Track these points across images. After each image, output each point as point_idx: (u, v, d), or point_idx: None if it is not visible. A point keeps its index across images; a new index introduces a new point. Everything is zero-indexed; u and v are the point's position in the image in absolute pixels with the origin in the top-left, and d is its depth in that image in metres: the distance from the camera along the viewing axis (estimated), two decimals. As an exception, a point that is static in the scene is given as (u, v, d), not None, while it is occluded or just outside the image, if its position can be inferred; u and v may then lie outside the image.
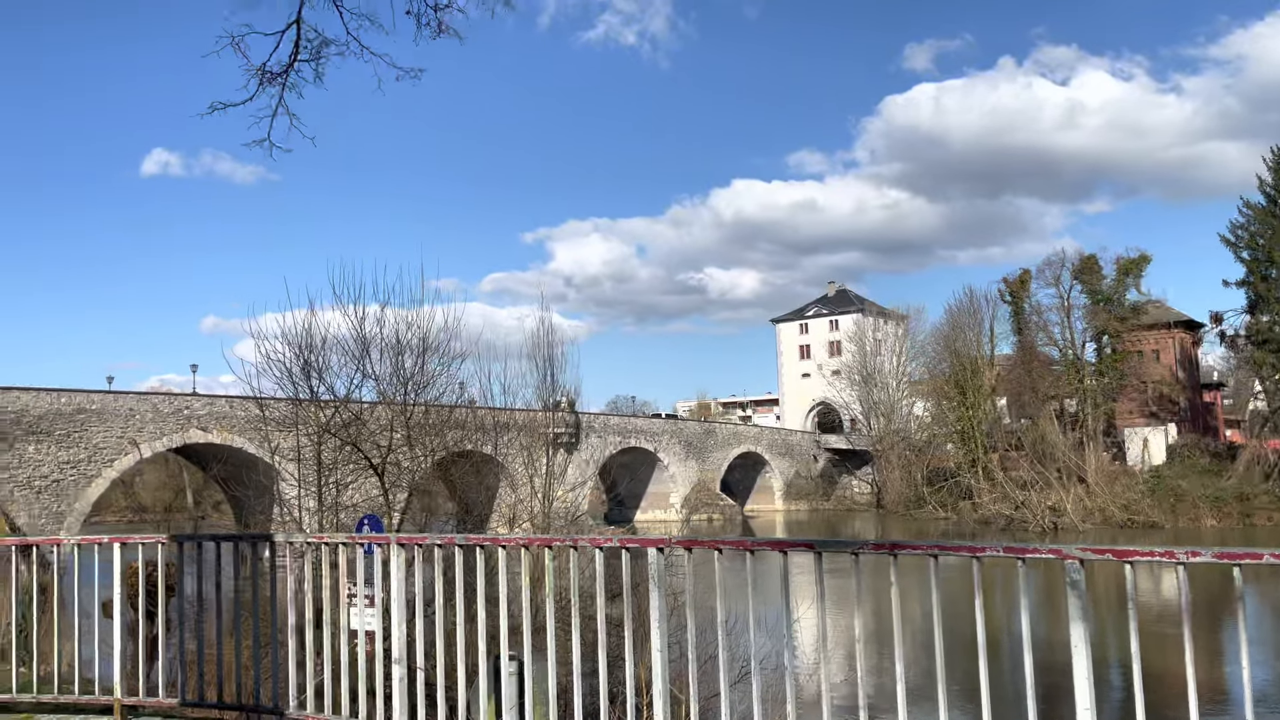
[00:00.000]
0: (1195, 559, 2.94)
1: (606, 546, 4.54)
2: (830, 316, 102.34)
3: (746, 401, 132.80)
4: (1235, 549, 2.88)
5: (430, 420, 19.33)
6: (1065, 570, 3.19)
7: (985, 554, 3.46)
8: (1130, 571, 3.13)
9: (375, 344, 18.21)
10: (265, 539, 5.63)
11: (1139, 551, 3.08)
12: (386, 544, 5.35)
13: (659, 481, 71.84)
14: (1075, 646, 3.15)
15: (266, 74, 6.76)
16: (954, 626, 3.79)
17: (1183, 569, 3.01)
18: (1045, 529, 56.81)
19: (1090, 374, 67.86)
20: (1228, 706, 15.07)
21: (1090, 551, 3.16)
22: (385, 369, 18.39)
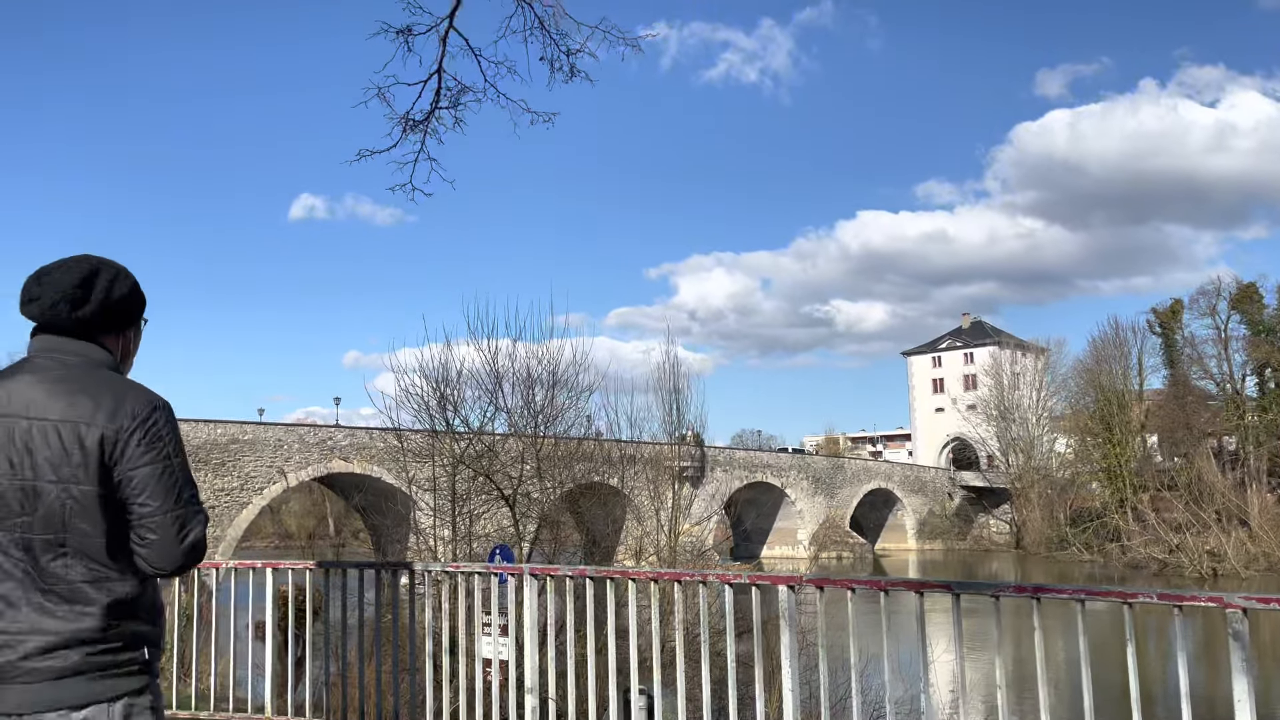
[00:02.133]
0: (1375, 612, 2.73)
1: (736, 583, 4.52)
2: (965, 349, 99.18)
3: (876, 436, 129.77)
4: None
5: (559, 452, 19.67)
6: (1227, 620, 3.00)
7: (1138, 600, 3.29)
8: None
9: (507, 377, 18.71)
10: (404, 567, 5.85)
11: (1309, 602, 2.89)
12: (519, 574, 5.47)
13: (786, 517, 70.78)
14: (1239, 701, 2.96)
15: (409, 121, 7.12)
16: (1103, 676, 3.60)
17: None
18: (1203, 575, 53.16)
19: (1252, 409, 63.52)
20: None
21: (1255, 600, 2.97)
22: (516, 402, 18.86)
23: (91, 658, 2.33)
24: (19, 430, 2.33)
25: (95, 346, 2.49)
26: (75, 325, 2.46)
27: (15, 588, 2.33)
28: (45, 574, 2.33)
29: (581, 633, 5.21)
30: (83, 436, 2.32)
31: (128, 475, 2.35)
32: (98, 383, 2.41)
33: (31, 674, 2.29)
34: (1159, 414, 68.00)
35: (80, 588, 2.34)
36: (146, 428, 2.37)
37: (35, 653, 2.29)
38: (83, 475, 2.32)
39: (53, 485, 2.32)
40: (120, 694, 2.37)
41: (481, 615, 5.81)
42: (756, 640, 4.33)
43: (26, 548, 2.33)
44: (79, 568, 2.34)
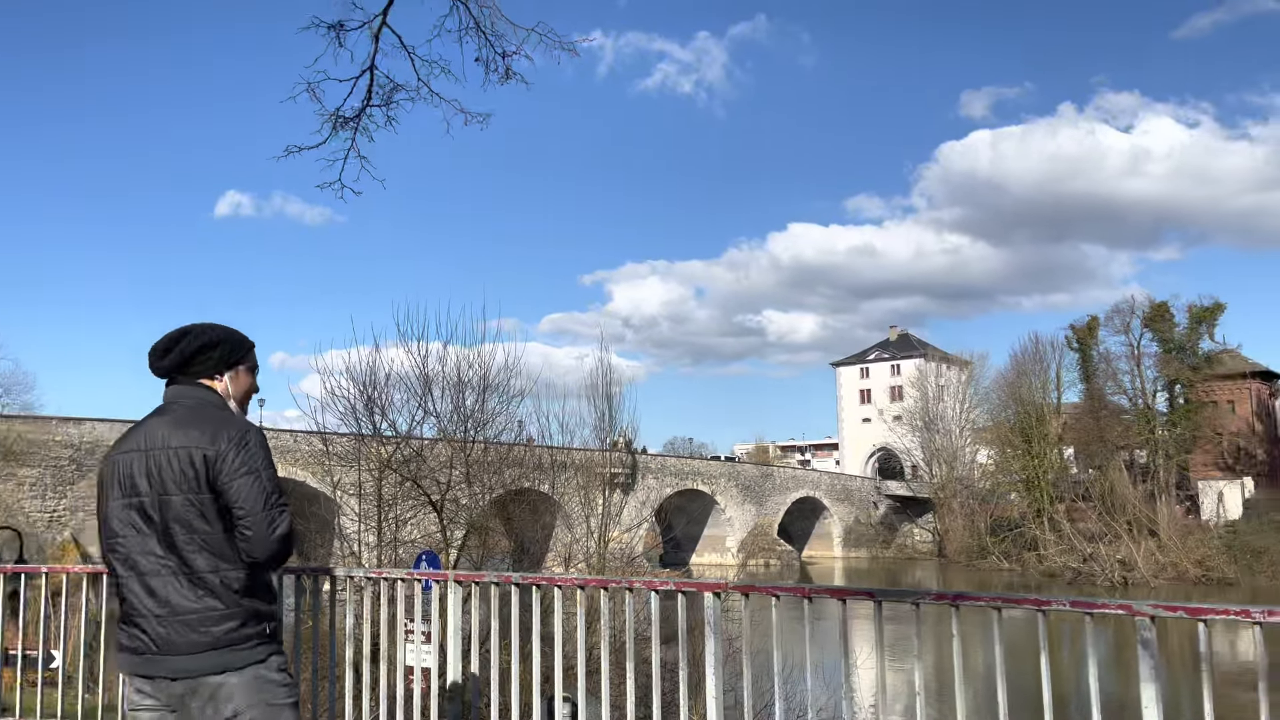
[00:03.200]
0: (1273, 618, 2.84)
1: (662, 589, 4.52)
2: (892, 361, 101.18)
3: (805, 445, 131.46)
4: (1317, 609, 2.77)
5: (489, 458, 19.49)
6: (1136, 627, 3.09)
7: (1051, 608, 3.37)
8: (1204, 630, 3.02)
9: (437, 381, 18.48)
10: (326, 572, 5.71)
11: (1214, 609, 2.98)
12: (444, 581, 5.39)
13: (715, 525, 71.23)
14: (1146, 708, 3.05)
15: (340, 118, 6.99)
16: (1018, 681, 3.68)
17: (1259, 629, 2.91)
18: (1114, 583, 54.97)
19: (1162, 424, 65.97)
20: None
21: (1163, 608, 3.06)
22: (446, 406, 18.63)
23: (222, 634, 3.02)
24: (152, 459, 3.11)
25: (201, 388, 3.29)
26: (180, 375, 3.28)
27: (163, 579, 3.05)
28: (183, 566, 3.04)
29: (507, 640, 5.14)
30: (194, 458, 3.08)
31: (228, 485, 3.06)
32: (204, 416, 3.19)
33: (179, 647, 2.99)
34: (1075, 427, 70.17)
35: (206, 576, 3.04)
36: (239, 448, 3.12)
37: (182, 630, 3.00)
38: (198, 486, 3.07)
39: (178, 496, 3.07)
40: (248, 663, 3.05)
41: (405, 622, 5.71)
42: (681, 647, 4.33)
43: (169, 546, 3.06)
44: (203, 560, 3.05)
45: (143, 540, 3.07)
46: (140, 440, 3.17)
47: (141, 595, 3.05)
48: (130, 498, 3.11)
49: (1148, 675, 3.07)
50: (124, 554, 3.10)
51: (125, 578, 3.09)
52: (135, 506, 3.10)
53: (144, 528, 3.07)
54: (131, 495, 3.11)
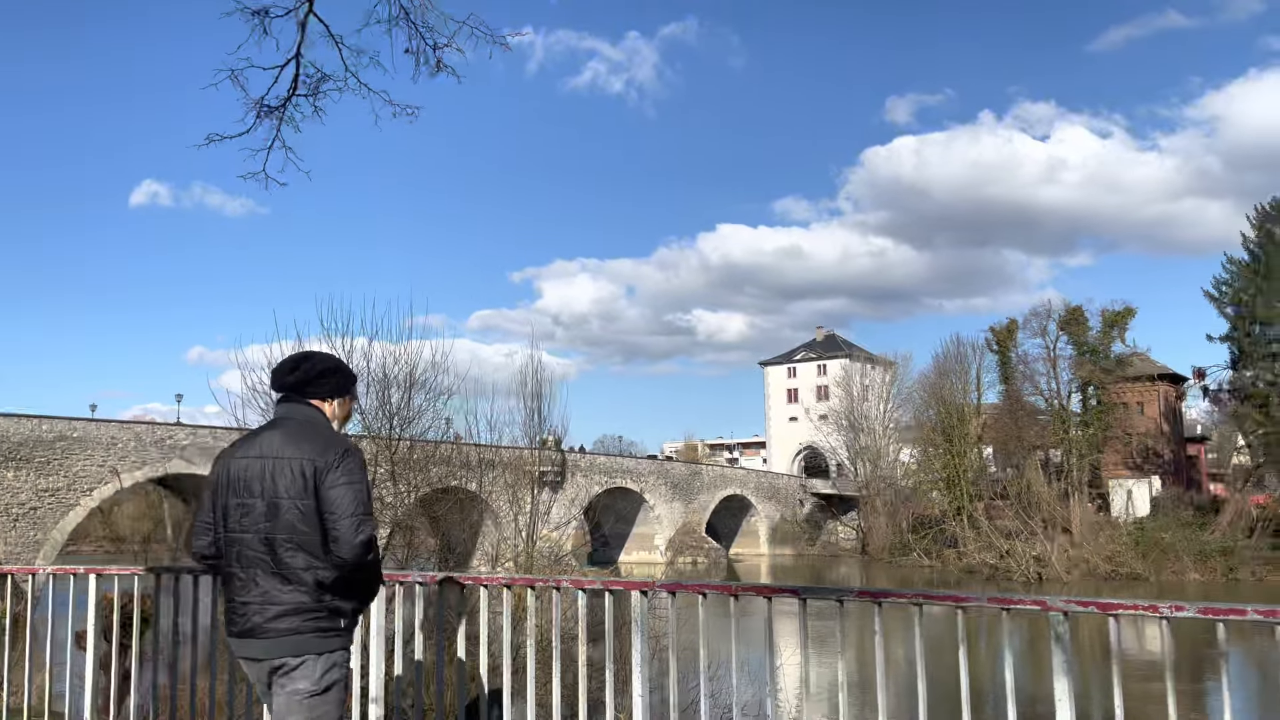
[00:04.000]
0: (1179, 614, 2.94)
1: (590, 589, 4.50)
2: (818, 361, 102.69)
3: (733, 444, 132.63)
4: (1219, 604, 2.88)
5: (415, 456, 19.24)
6: (1050, 623, 3.18)
7: (970, 604, 3.45)
8: (1115, 625, 3.12)
9: (362, 378, 18.15)
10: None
11: (1124, 604, 3.08)
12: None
13: (644, 523, 71.43)
14: (1059, 700, 3.14)
15: (264, 107, 6.81)
16: (938, 676, 3.76)
17: (1166, 623, 3.02)
18: (1029, 579, 56.62)
19: (1076, 425, 68.10)
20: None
21: (1075, 604, 3.15)
22: (371, 403, 18.32)
23: (307, 623, 3.51)
24: (268, 467, 3.58)
25: (311, 408, 3.78)
26: (296, 393, 3.77)
27: (260, 572, 3.52)
28: (279, 562, 3.51)
29: (432, 640, 5.07)
30: (304, 468, 3.54)
31: (327, 492, 3.51)
32: (315, 433, 3.67)
33: (269, 632, 3.50)
34: (994, 427, 72.02)
35: (299, 572, 3.50)
36: (343, 461, 3.57)
37: (272, 617, 3.49)
38: (304, 492, 3.53)
39: (287, 500, 3.53)
40: (324, 650, 3.56)
41: (327, 623, 5.59)
42: (609, 646, 4.32)
43: (269, 545, 3.53)
44: (300, 558, 3.51)
45: (251, 538, 3.54)
46: (258, 448, 3.65)
47: (246, 585, 3.55)
48: (245, 499, 3.58)
49: (1061, 669, 3.16)
50: (236, 549, 3.58)
51: (234, 570, 3.58)
52: (249, 508, 3.57)
53: (254, 527, 3.55)
54: (246, 496, 3.58)
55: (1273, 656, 2.89)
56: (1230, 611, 2.84)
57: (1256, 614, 2.77)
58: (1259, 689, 20.89)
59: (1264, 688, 20.41)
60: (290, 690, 3.51)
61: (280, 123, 6.85)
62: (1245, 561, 55.44)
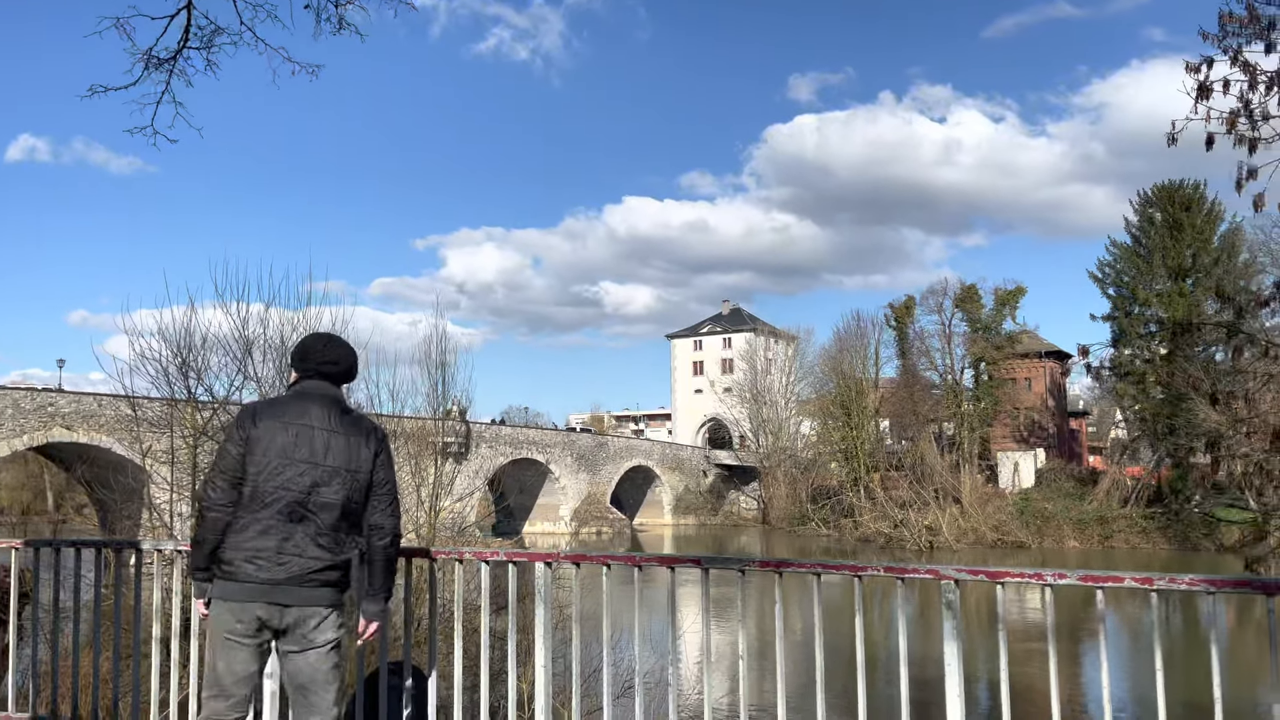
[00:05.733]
0: (1062, 581, 3.09)
1: (493, 560, 4.48)
2: (724, 334, 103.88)
3: (640, 415, 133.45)
4: (1098, 573, 3.03)
5: (315, 425, 18.75)
6: (941, 590, 3.30)
7: (866, 573, 3.55)
8: (1001, 591, 3.25)
9: (258, 345, 17.58)
10: (132, 545, 5.35)
11: (1010, 573, 3.21)
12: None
13: (549, 494, 71.44)
14: (948, 665, 3.26)
15: (153, 59, 6.47)
16: (835, 641, 3.87)
17: (1050, 590, 3.16)
18: (922, 547, 58.74)
19: (968, 399, 70.64)
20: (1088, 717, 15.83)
21: (965, 572, 3.27)
22: (269, 371, 17.76)
23: (338, 581, 3.92)
24: (322, 437, 3.95)
25: (340, 391, 4.17)
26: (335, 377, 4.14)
27: (306, 529, 3.86)
28: (331, 525, 3.90)
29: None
30: (365, 446, 4.01)
31: (378, 474, 4.03)
32: (358, 416, 4.20)
33: (309, 582, 3.84)
34: (891, 400, 74.20)
35: (342, 538, 3.93)
36: (385, 449, 4.11)
37: (313, 570, 3.84)
38: (363, 469, 3.98)
39: (348, 474, 3.93)
40: (341, 606, 3.98)
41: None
42: (511, 617, 4.31)
43: (323, 507, 3.89)
44: (344, 525, 3.94)
45: (304, 497, 3.84)
46: (308, 418, 3.94)
47: (290, 538, 3.82)
48: (300, 461, 3.86)
49: (950, 634, 3.28)
50: (282, 504, 3.83)
51: (272, 522, 3.82)
52: (305, 470, 3.85)
53: (308, 488, 3.85)
54: (301, 460, 3.87)
55: (1146, 619, 3.05)
56: (1109, 579, 2.99)
57: (1133, 581, 2.92)
58: (1132, 649, 22.18)
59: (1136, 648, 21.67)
60: (320, 640, 3.87)
61: (170, 76, 6.52)
62: (1120, 530, 58.63)
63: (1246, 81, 7.03)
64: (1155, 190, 63.75)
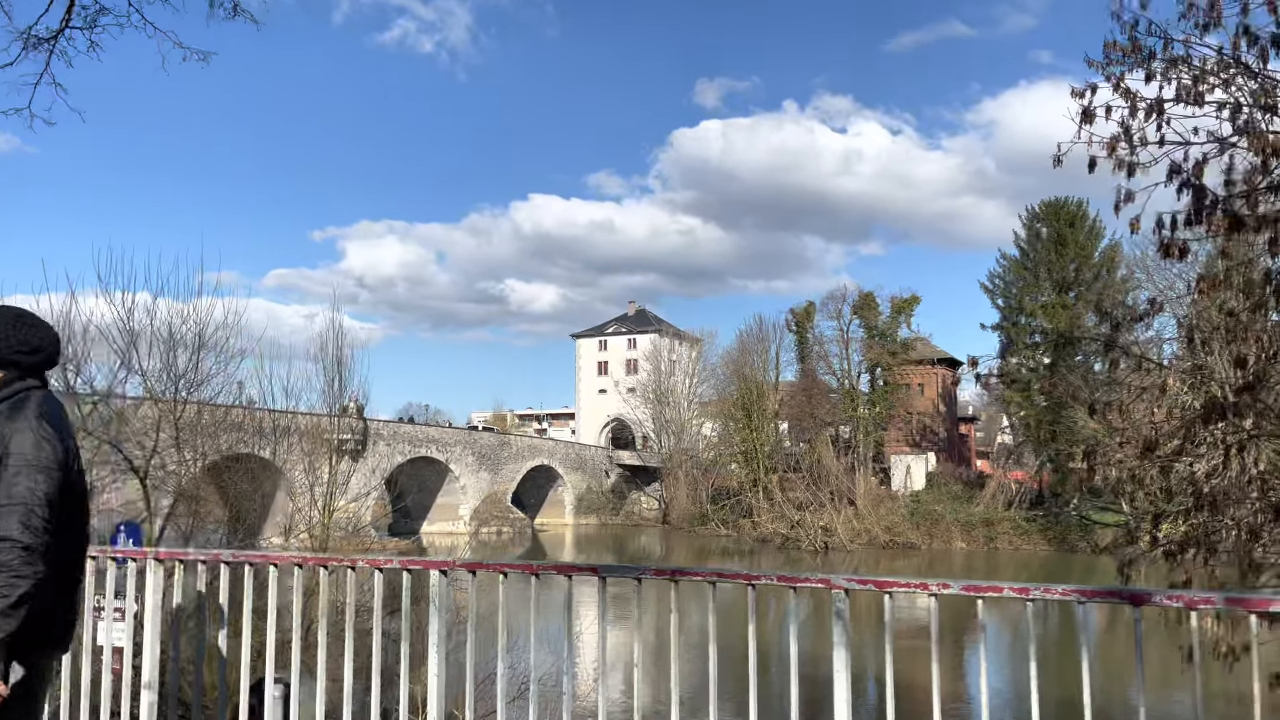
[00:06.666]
0: (945, 591, 3.20)
1: (387, 568, 4.39)
2: (629, 335, 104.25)
3: (543, 415, 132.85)
4: (980, 583, 3.15)
5: (203, 421, 18.11)
6: (832, 599, 3.37)
7: (760, 582, 3.61)
8: (889, 601, 3.35)
9: (144, 336, 16.88)
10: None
11: (897, 583, 3.31)
12: (143, 558, 4.94)
13: (449, 493, 70.47)
14: (837, 672, 3.34)
15: (32, 38, 6.14)
16: (730, 649, 3.91)
17: (934, 599, 3.27)
18: (817, 548, 60.03)
19: (864, 403, 72.55)
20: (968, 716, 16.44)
21: (855, 582, 3.36)
22: (155, 364, 17.07)
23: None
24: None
25: None
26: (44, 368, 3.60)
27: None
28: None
29: (215, 618, 4.81)
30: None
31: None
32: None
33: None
34: (791, 403, 75.67)
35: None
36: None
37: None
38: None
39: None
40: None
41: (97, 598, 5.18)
42: (405, 624, 4.24)
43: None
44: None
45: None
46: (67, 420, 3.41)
47: None
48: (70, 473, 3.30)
49: (840, 642, 3.36)
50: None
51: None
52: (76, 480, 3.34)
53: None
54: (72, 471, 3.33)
55: (1022, 624, 3.19)
56: (989, 589, 3.11)
57: (1011, 591, 3.05)
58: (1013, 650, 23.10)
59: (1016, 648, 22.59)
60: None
61: (50, 56, 6.20)
62: (1004, 531, 61.05)
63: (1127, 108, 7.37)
64: (1042, 206, 66.65)
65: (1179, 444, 7.88)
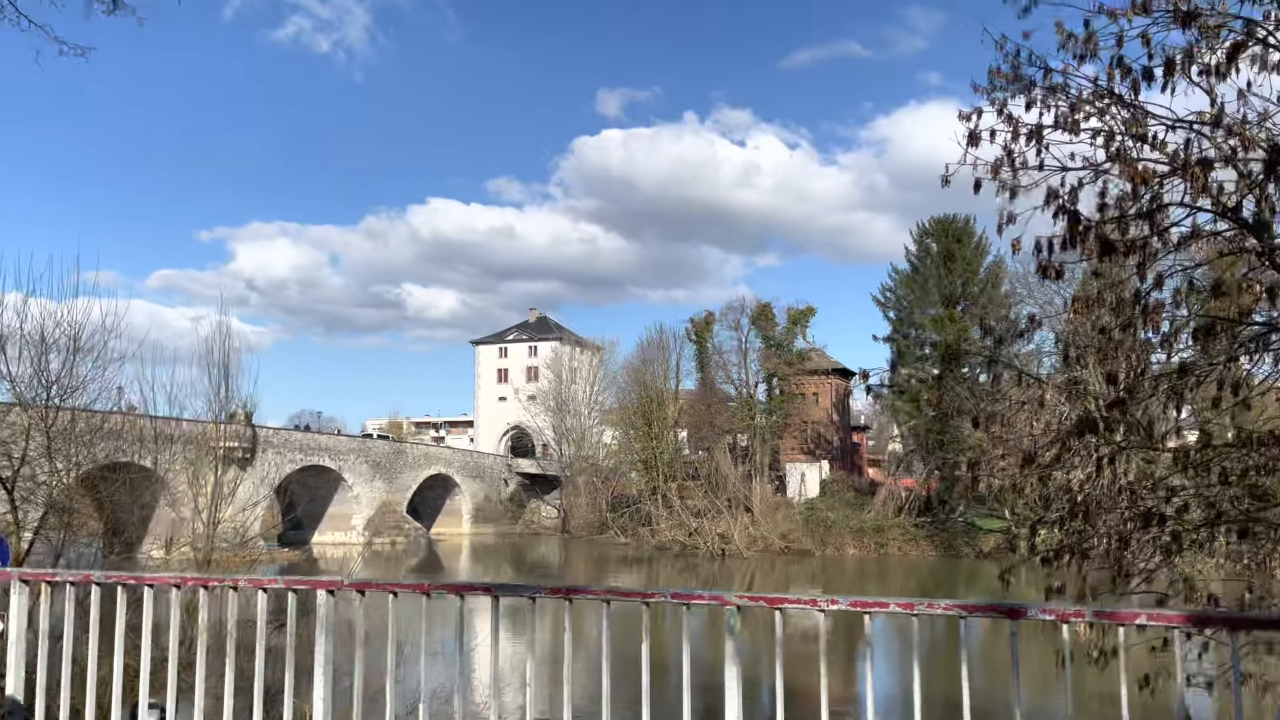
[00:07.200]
0: (834, 607, 3.26)
1: (272, 588, 4.24)
2: (530, 342, 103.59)
3: (441, 422, 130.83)
4: (867, 599, 3.22)
5: (77, 429, 17.22)
6: (725, 615, 3.40)
7: (654, 600, 3.61)
8: (780, 617, 3.40)
9: (13, 339, 16.00)
10: None
11: (788, 599, 3.36)
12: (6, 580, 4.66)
13: (342, 502, 68.70)
14: (729, 687, 3.37)
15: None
16: (624, 667, 3.91)
17: (824, 615, 3.33)
18: (714, 555, 60.66)
19: (761, 412, 73.76)
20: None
21: (746, 598, 3.40)
22: (24, 369, 16.18)
23: None
24: None
25: None
26: None
27: None
28: None
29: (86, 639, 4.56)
30: None
31: None
32: None
33: None
34: (690, 412, 76.43)
35: None
36: None
37: None
38: None
39: None
40: None
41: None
42: (290, 650, 4.10)
43: None
44: None
45: None
46: None
47: None
48: None
49: (731, 658, 3.39)
50: None
51: None
52: None
53: None
54: None
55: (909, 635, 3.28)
56: (875, 604, 3.19)
57: (897, 607, 3.13)
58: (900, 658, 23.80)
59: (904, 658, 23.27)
60: None
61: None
62: (894, 538, 62.85)
63: (1010, 133, 7.66)
64: (932, 222, 69.09)
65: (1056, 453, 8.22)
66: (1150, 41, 7.19)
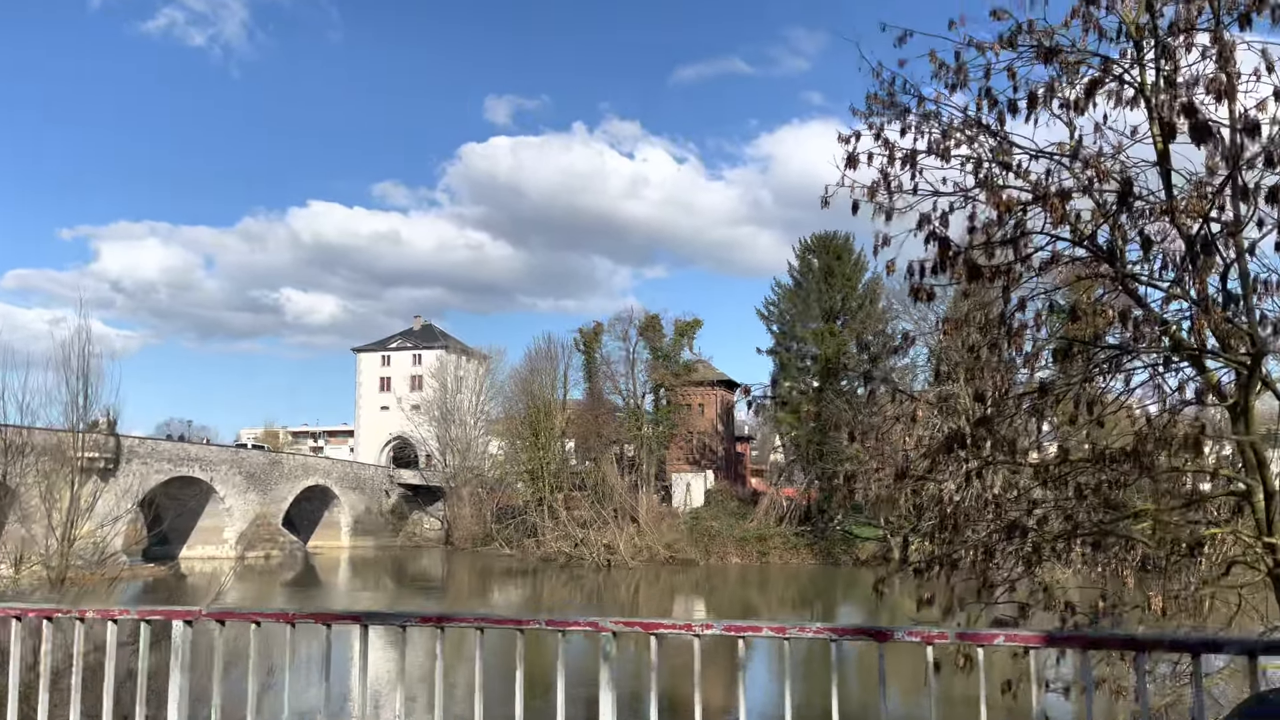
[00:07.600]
0: (709, 631, 3.27)
1: (123, 619, 3.99)
2: (414, 350, 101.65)
3: (319, 432, 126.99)
4: (740, 623, 3.24)
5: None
6: (600, 641, 3.37)
7: (529, 627, 3.55)
8: (655, 642, 3.38)
9: None
10: None
11: (663, 624, 3.35)
12: None
13: (213, 515, 65.88)
14: (604, 713, 3.33)
15: None
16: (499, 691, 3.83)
17: (697, 639, 3.33)
18: (600, 566, 60.62)
19: (648, 422, 74.21)
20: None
21: (622, 624, 3.37)
22: None
23: None
24: None
25: None
26: None
27: None
28: None
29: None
30: None
31: None
32: None
33: None
34: (578, 422, 76.29)
35: None
36: None
37: None
38: None
39: None
40: None
41: None
42: (141, 680, 3.86)
43: None
44: None
45: None
46: None
47: None
48: None
49: (607, 683, 3.36)
50: None
51: None
52: None
53: None
54: None
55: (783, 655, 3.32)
56: (748, 628, 3.21)
57: (770, 631, 3.16)
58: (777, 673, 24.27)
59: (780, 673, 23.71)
60: None
61: None
62: (776, 546, 64.06)
63: (886, 156, 7.91)
64: (813, 239, 71.04)
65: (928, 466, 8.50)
66: (1016, 75, 7.56)
